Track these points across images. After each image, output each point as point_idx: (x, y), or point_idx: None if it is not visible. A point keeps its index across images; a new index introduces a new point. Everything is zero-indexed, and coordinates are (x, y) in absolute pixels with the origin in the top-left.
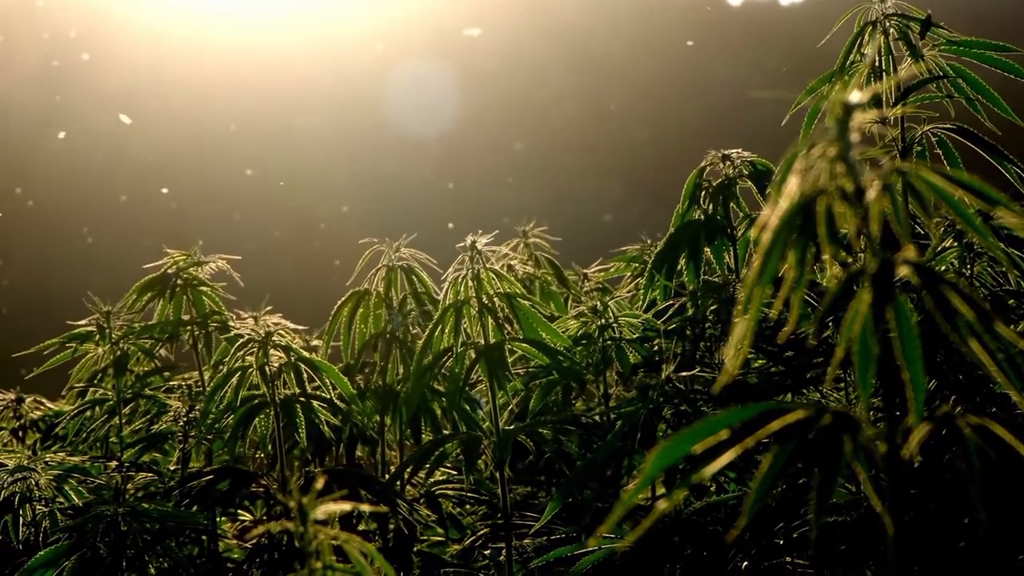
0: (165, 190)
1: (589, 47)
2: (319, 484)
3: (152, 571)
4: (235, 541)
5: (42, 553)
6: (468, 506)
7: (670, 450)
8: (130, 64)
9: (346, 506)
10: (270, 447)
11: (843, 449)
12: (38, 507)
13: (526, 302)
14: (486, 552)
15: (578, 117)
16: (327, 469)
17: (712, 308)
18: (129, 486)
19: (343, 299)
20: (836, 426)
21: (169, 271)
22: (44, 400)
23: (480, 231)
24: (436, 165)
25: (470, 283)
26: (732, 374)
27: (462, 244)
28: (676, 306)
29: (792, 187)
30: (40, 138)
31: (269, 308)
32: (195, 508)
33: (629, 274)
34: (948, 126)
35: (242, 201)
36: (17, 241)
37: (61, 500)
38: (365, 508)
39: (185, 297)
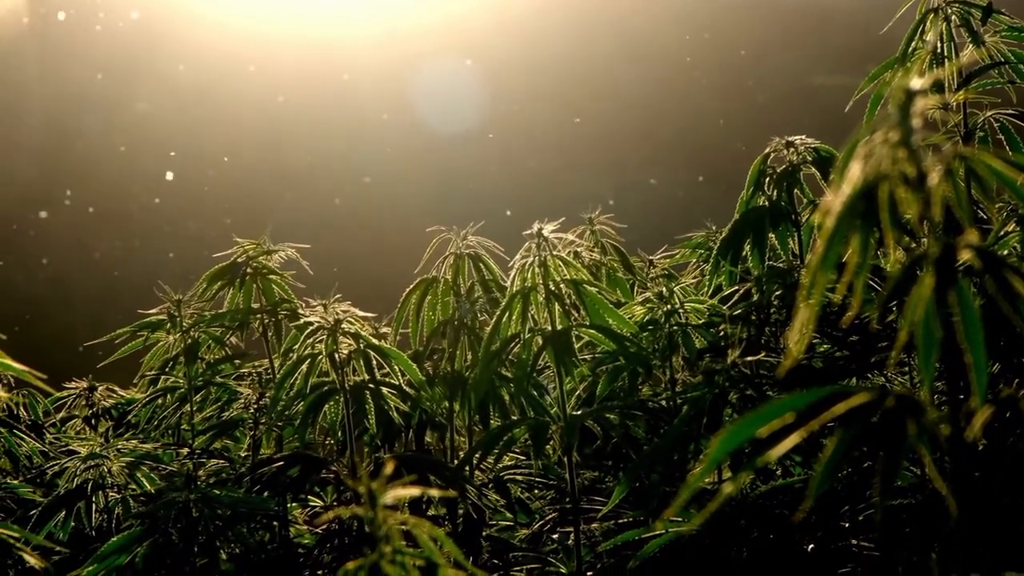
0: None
1: (650, 35)
2: (388, 469)
3: (223, 556)
4: (306, 527)
5: (115, 539)
6: (536, 491)
7: (735, 434)
8: (201, 56)
9: (415, 491)
10: (340, 433)
11: (907, 432)
12: (111, 494)
13: (593, 288)
14: (555, 536)
15: (641, 105)
16: (396, 455)
17: (777, 293)
18: (200, 472)
19: (411, 287)
20: (900, 409)
21: (239, 260)
22: (116, 388)
23: (546, 219)
24: (499, 154)
25: (537, 270)
26: (796, 358)
27: (528, 232)
28: (741, 292)
29: (855, 173)
30: (108, 127)
31: (338, 296)
32: (266, 494)
33: (694, 260)
34: (1010, 112)
35: (309, 192)
36: (87, 231)
37: (133, 487)
38: (434, 493)
39: (255, 285)
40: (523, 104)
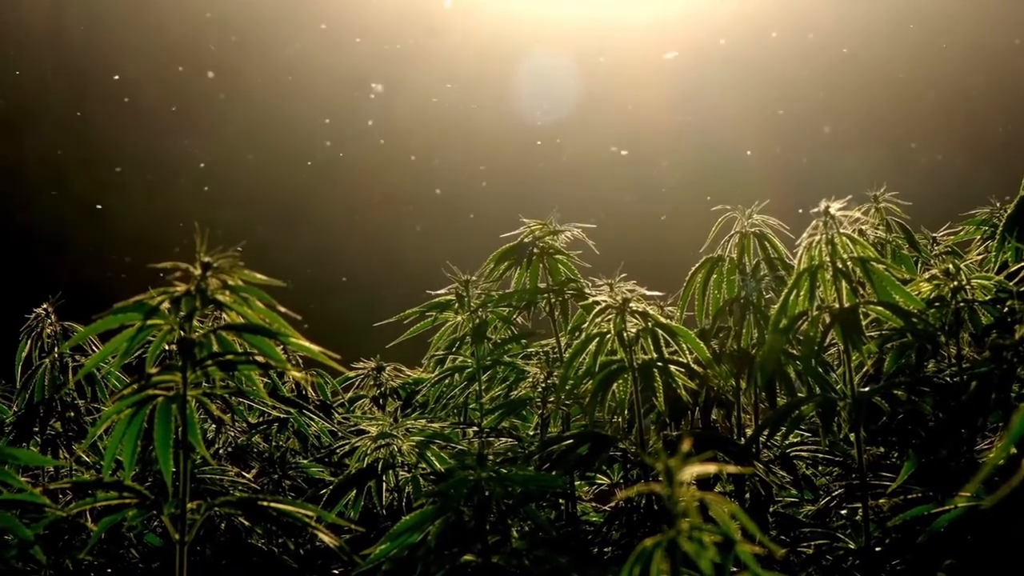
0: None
1: (926, 12)
2: (685, 447)
3: (515, 534)
4: (590, 504)
5: (407, 518)
6: (821, 467)
7: None
8: (482, 45)
9: (711, 468)
10: (627, 411)
11: None
12: (400, 473)
13: (879, 266)
14: (842, 512)
15: (920, 84)
16: (687, 432)
17: None
18: (488, 452)
19: (697, 266)
20: None
21: (525, 240)
22: (403, 368)
23: (832, 197)
24: (784, 134)
25: (824, 247)
26: None
27: (815, 210)
28: None
29: None
30: (383, 112)
31: (623, 275)
32: (555, 472)
33: (979, 237)
34: None
35: (590, 173)
36: (368, 214)
37: (423, 466)
38: (730, 469)
39: (541, 265)
40: (799, 85)
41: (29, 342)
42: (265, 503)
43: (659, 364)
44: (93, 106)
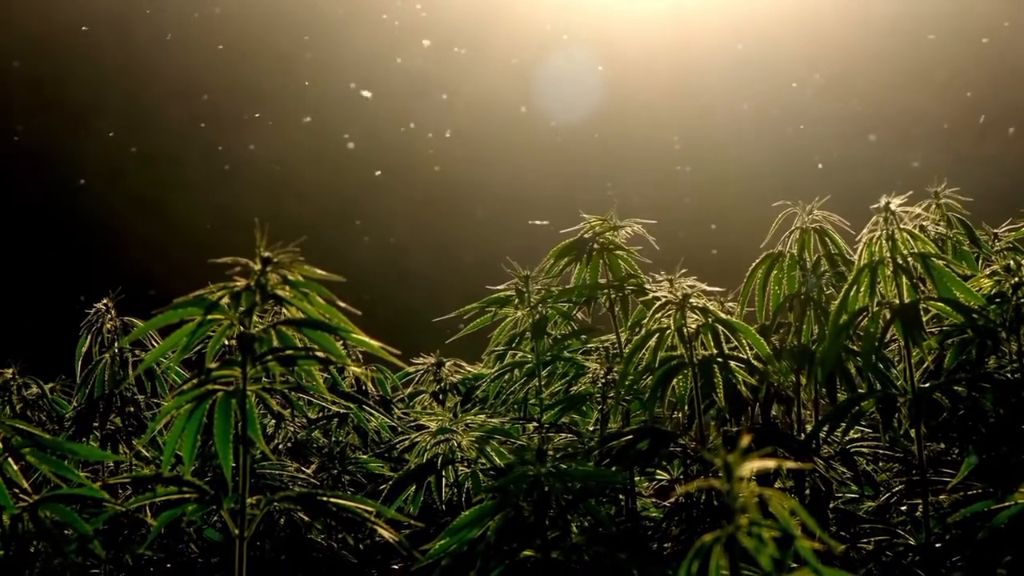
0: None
1: (977, 10)
2: (744, 442)
3: (574, 530)
4: (650, 500)
5: (467, 513)
6: (881, 463)
7: None
8: (545, 42)
9: (771, 463)
10: (687, 407)
11: None
12: (460, 468)
13: (940, 261)
14: (902, 508)
15: (978, 81)
16: (747, 428)
17: None
18: (548, 447)
19: (757, 261)
20: None
21: (586, 236)
22: (463, 363)
23: (893, 192)
24: (843, 129)
25: (884, 243)
26: None
27: (875, 205)
28: None
29: None
30: (445, 110)
31: (683, 271)
32: (614, 468)
33: None
34: None
35: (650, 172)
36: (429, 210)
37: (483, 461)
38: (790, 465)
39: (601, 261)
40: (857, 79)
41: (89, 337)
42: (324, 498)
43: (719, 360)
44: (156, 101)
